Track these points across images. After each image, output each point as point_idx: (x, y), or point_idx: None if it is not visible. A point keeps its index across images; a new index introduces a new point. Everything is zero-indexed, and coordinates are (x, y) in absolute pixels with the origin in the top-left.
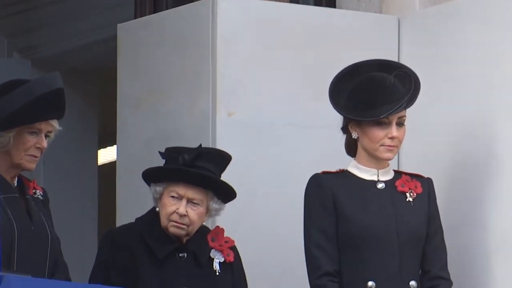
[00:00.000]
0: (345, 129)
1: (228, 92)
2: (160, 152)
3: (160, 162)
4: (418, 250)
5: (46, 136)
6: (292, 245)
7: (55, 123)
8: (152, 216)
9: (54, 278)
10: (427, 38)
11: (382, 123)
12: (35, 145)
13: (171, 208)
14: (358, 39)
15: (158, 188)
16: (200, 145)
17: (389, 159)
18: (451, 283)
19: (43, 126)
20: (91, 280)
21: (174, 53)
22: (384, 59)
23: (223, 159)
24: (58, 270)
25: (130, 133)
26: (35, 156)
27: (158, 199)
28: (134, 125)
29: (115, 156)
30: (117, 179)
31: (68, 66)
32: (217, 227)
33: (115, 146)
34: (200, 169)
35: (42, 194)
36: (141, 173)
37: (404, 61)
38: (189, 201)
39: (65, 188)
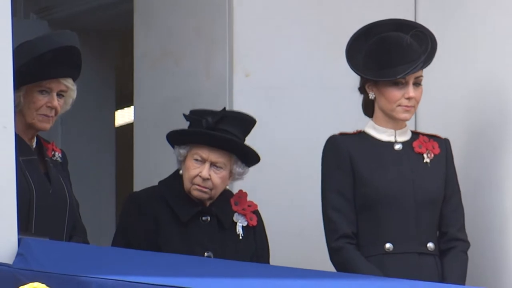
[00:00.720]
0: (362, 89)
1: (244, 52)
2: (184, 115)
3: (177, 122)
4: (436, 211)
5: (61, 95)
6: (309, 207)
7: (67, 82)
8: (176, 178)
9: (72, 240)
10: None
11: (399, 83)
12: (46, 104)
13: (194, 171)
14: None
15: (182, 151)
16: (224, 108)
17: (406, 120)
18: (468, 244)
19: (54, 85)
20: (113, 245)
21: (190, 13)
22: (400, 18)
23: (247, 122)
24: (76, 233)
25: (146, 93)
26: (48, 116)
27: (181, 161)
28: (150, 86)
29: (133, 117)
30: (134, 140)
31: (85, 26)
32: (240, 191)
33: (132, 107)
34: (224, 132)
35: (61, 156)
36: (166, 134)
37: (421, 21)
38: (212, 164)
39: (82, 149)
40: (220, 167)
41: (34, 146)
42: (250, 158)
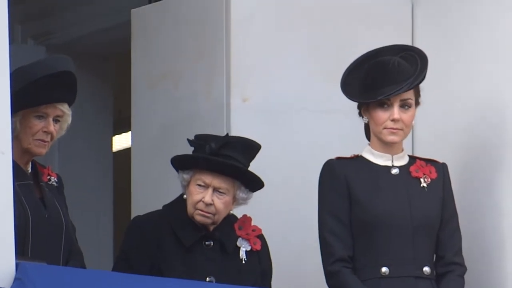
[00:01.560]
0: (359, 114)
1: (242, 76)
2: (188, 140)
3: (175, 146)
4: (432, 235)
5: (57, 120)
6: (307, 229)
7: (62, 107)
8: (180, 203)
9: (69, 265)
10: (441, 18)
11: (384, 105)
12: (42, 129)
13: (197, 197)
14: (373, 20)
15: (186, 176)
16: (227, 134)
17: (394, 142)
18: (465, 269)
19: (50, 110)
20: (116, 268)
21: (187, 37)
22: (402, 44)
23: (251, 148)
24: (73, 257)
25: (144, 118)
26: (44, 141)
27: (185, 186)
28: (148, 110)
29: (130, 143)
30: (132, 164)
31: (83, 51)
32: (245, 215)
33: (130, 132)
34: (227, 158)
35: (56, 180)
36: (167, 158)
37: (418, 44)
38: (215, 190)
39: (80, 175)
40: (223, 192)
41: (30, 171)
42: (253, 183)
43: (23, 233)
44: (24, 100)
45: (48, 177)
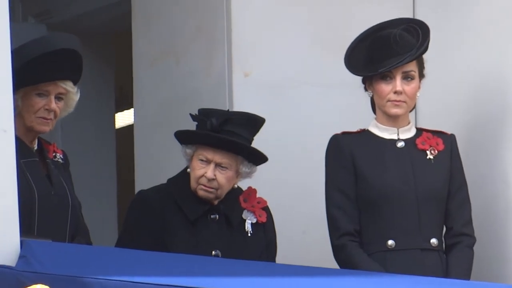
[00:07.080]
0: (365, 89)
1: (244, 51)
2: (191, 115)
3: (177, 122)
4: (440, 207)
5: (60, 98)
6: (310, 202)
7: (65, 85)
8: (184, 177)
9: (75, 241)
10: None
11: (387, 78)
12: (44, 107)
13: (199, 172)
14: None
15: (188, 151)
16: (228, 109)
17: (397, 115)
18: (474, 240)
19: (51, 88)
20: (120, 243)
21: (188, 13)
22: (407, 17)
23: (253, 122)
24: (79, 233)
25: (146, 94)
26: (46, 119)
27: (189, 160)
28: (150, 87)
29: (132, 119)
30: (134, 141)
31: (84, 29)
32: (250, 187)
33: (132, 109)
34: (228, 133)
35: (62, 157)
36: (172, 133)
37: (419, 14)
38: (217, 165)
39: (83, 152)
40: (226, 167)
41: (36, 148)
42: (256, 158)
43: (29, 210)
44: (24, 78)
45: (54, 154)
